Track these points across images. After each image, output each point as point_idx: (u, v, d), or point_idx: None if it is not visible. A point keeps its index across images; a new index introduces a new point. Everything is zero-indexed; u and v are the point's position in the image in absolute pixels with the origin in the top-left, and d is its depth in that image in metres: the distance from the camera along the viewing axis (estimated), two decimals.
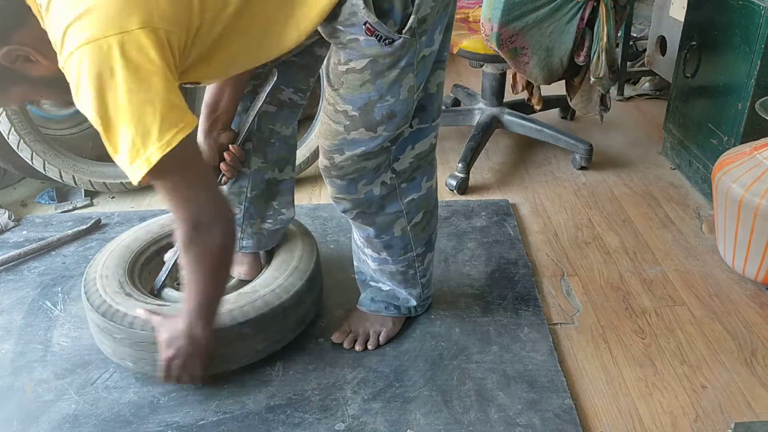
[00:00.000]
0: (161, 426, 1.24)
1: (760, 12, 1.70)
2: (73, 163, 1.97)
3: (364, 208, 1.27)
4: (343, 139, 1.17)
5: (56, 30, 0.93)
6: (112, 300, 1.30)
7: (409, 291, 1.44)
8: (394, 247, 1.35)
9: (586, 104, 2.05)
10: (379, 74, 1.10)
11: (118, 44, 0.90)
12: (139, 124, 0.93)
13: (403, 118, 1.17)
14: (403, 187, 1.29)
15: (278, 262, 1.42)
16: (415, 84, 1.14)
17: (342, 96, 1.13)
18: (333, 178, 1.23)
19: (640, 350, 1.43)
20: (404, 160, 1.26)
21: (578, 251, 1.77)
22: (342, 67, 1.11)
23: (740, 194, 1.52)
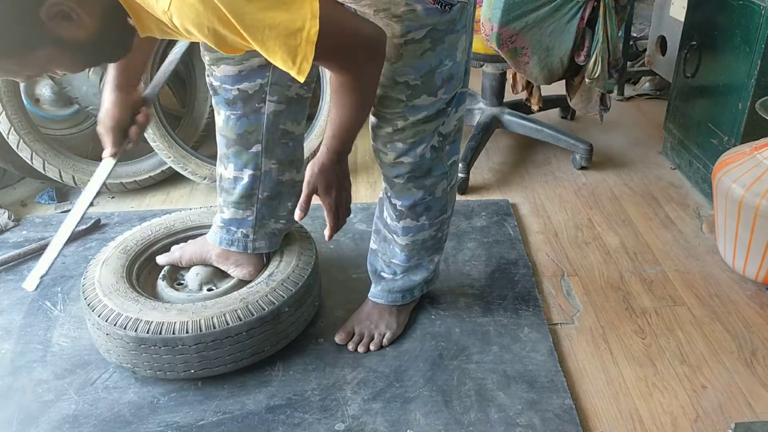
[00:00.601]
0: (161, 426, 1.24)
1: (760, 12, 1.70)
2: (73, 163, 1.97)
3: (417, 170, 1.29)
4: (405, 107, 1.19)
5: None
6: (110, 302, 1.30)
7: (431, 258, 1.45)
8: (433, 209, 1.37)
9: (585, 104, 2.05)
10: (438, 41, 1.12)
11: None
12: (281, 12, 0.88)
13: (459, 79, 1.21)
14: (447, 149, 1.32)
15: (277, 263, 1.42)
16: (466, 45, 1.19)
17: (400, 68, 1.15)
18: (395, 143, 1.25)
19: (641, 350, 1.43)
20: (449, 123, 1.28)
21: (578, 251, 1.77)
22: (398, 39, 1.11)
23: (740, 194, 1.52)
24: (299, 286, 1.36)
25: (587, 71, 1.87)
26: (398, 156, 1.26)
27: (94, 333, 1.33)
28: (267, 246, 1.44)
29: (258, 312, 1.29)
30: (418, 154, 1.26)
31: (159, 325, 1.24)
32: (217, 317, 1.26)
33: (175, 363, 1.27)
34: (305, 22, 0.89)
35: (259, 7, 0.87)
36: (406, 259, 1.43)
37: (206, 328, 1.25)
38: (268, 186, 1.40)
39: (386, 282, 1.46)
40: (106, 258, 1.42)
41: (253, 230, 1.42)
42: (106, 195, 2.06)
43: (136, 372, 1.31)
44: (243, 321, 1.27)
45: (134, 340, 1.25)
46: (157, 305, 1.30)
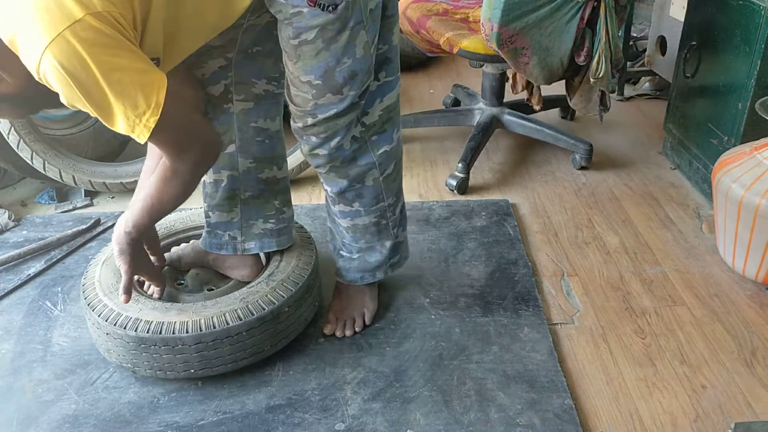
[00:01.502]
0: (161, 426, 1.24)
1: (760, 12, 1.70)
2: (73, 163, 1.97)
3: (336, 162, 1.30)
4: (314, 105, 1.20)
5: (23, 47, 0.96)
6: (111, 301, 1.30)
7: (382, 243, 1.45)
8: (365, 196, 1.36)
9: (585, 104, 2.05)
10: (331, 40, 1.13)
11: (72, 34, 0.93)
12: (125, 100, 0.99)
13: (366, 74, 1.20)
14: (374, 139, 1.31)
15: (277, 263, 1.42)
16: (368, 39, 1.17)
17: (301, 68, 1.16)
18: (309, 136, 1.26)
19: (640, 350, 1.43)
20: (373, 113, 1.28)
21: (578, 251, 1.77)
22: (294, 41, 1.14)
23: (740, 194, 1.52)
24: (299, 286, 1.36)
25: (591, 71, 1.87)
26: (312, 148, 1.28)
27: (94, 333, 1.33)
28: (258, 247, 1.44)
29: (258, 312, 1.29)
30: (333, 147, 1.26)
31: (159, 324, 1.24)
32: (217, 317, 1.26)
33: (175, 363, 1.27)
34: (145, 111, 1.00)
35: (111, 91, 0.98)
36: (353, 239, 1.44)
37: (206, 328, 1.25)
38: (249, 185, 1.40)
39: (344, 260, 1.48)
40: (106, 258, 1.42)
41: (241, 232, 1.43)
42: (107, 195, 2.06)
43: (136, 372, 1.31)
44: (243, 321, 1.27)
45: (134, 340, 1.25)
46: (157, 305, 1.30)
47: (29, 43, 0.95)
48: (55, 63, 0.94)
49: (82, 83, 0.96)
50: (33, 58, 0.95)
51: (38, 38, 0.94)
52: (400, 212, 1.46)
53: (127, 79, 0.98)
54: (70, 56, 0.94)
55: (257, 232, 1.44)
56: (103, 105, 0.99)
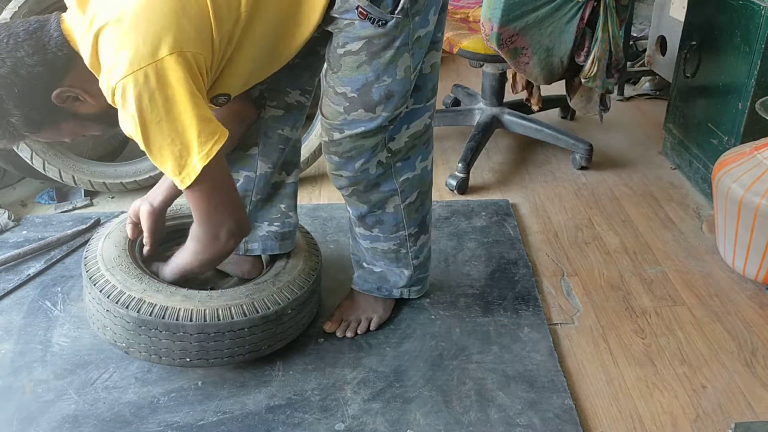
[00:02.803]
0: (161, 426, 1.24)
1: (760, 12, 1.70)
2: (73, 163, 1.97)
3: (359, 185, 1.30)
4: (343, 120, 1.21)
5: (105, 68, 1.02)
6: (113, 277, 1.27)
7: (401, 270, 1.45)
8: (385, 223, 1.37)
9: (585, 104, 2.05)
10: (374, 55, 1.14)
11: (153, 72, 0.99)
12: (180, 140, 1.03)
13: (401, 98, 1.21)
14: (398, 166, 1.32)
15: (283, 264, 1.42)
16: (411, 64, 1.18)
17: (341, 78, 1.17)
18: (331, 154, 1.27)
19: (640, 350, 1.43)
20: (400, 139, 1.29)
21: (578, 251, 1.77)
22: (340, 50, 1.15)
23: (740, 194, 1.52)
24: (304, 290, 1.36)
25: (583, 71, 1.87)
26: (336, 168, 1.28)
27: (91, 307, 1.29)
28: (260, 248, 1.45)
29: (263, 310, 1.29)
30: (357, 169, 1.26)
31: (163, 309, 1.22)
32: (223, 309, 1.25)
33: (172, 349, 1.25)
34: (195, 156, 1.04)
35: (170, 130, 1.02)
36: (373, 259, 1.45)
37: (211, 319, 1.23)
38: (261, 189, 1.41)
39: (364, 270, 1.48)
40: (109, 232, 1.39)
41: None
42: (106, 195, 2.06)
43: (129, 353, 1.28)
44: (247, 317, 1.27)
45: (135, 321, 1.22)
46: (161, 287, 1.27)
47: (110, 66, 1.00)
48: (130, 92, 0.99)
49: (145, 116, 1.01)
50: (110, 81, 1.00)
51: (120, 65, 0.99)
52: (422, 246, 1.44)
53: (190, 123, 1.02)
54: (144, 89, 0.99)
55: (261, 234, 1.44)
56: (157, 140, 1.03)
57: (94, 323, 1.31)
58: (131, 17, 0.99)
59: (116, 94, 1.01)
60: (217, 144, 1.04)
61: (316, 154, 2.09)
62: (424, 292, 1.54)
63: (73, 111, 1.13)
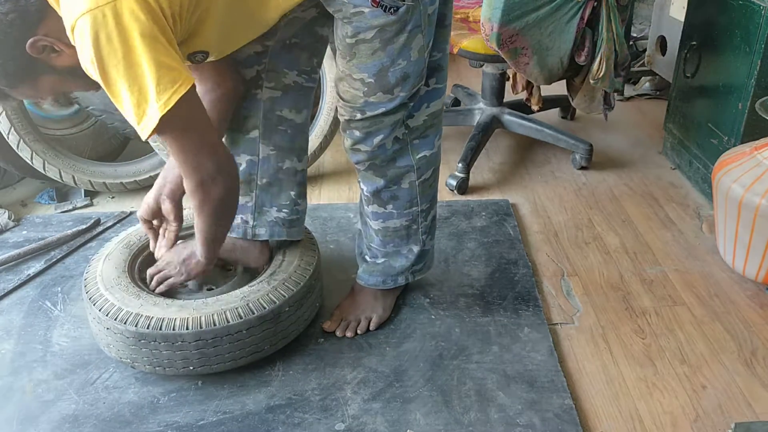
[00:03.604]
0: (161, 426, 1.24)
1: (760, 12, 1.70)
2: (73, 163, 1.97)
3: (376, 160, 1.32)
4: (364, 102, 1.23)
5: (64, 11, 0.99)
6: (112, 296, 1.30)
7: (410, 248, 1.46)
8: (400, 199, 1.38)
9: (589, 103, 2.05)
10: (388, 41, 1.15)
11: (111, 12, 0.96)
12: (138, 87, 0.99)
13: (417, 78, 1.23)
14: (416, 143, 1.34)
15: (279, 262, 1.42)
16: (424, 43, 1.20)
17: (356, 65, 1.19)
18: (352, 129, 1.28)
19: (640, 350, 1.43)
20: (419, 117, 1.31)
21: (578, 251, 1.77)
22: (350, 39, 1.16)
23: (740, 194, 1.52)
24: (300, 286, 1.36)
25: (592, 72, 1.87)
26: (355, 143, 1.30)
27: (94, 327, 1.33)
28: (267, 233, 1.44)
29: (258, 310, 1.29)
30: (375, 144, 1.28)
31: (159, 320, 1.24)
32: (218, 314, 1.26)
33: (174, 359, 1.27)
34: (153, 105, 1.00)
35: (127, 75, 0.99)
36: (382, 243, 1.45)
37: (206, 325, 1.25)
38: (267, 172, 1.40)
39: (368, 264, 1.49)
40: (109, 253, 1.42)
41: (253, 216, 1.43)
42: (107, 195, 2.06)
43: (135, 367, 1.31)
44: (243, 319, 1.27)
45: (134, 335, 1.25)
46: (158, 301, 1.30)
47: (71, 4, 0.97)
48: (87, 29, 0.96)
49: (104, 55, 0.97)
50: (69, 19, 0.98)
51: (80, 3, 0.96)
52: (431, 220, 1.47)
53: (148, 68, 0.98)
54: (101, 28, 0.96)
55: (270, 219, 1.44)
56: (116, 81, 0.99)
57: (100, 341, 1.34)
58: None
59: (75, 31, 0.98)
60: (177, 93, 1.00)
61: (316, 154, 2.09)
62: (427, 270, 1.54)
63: (50, 63, 1.08)
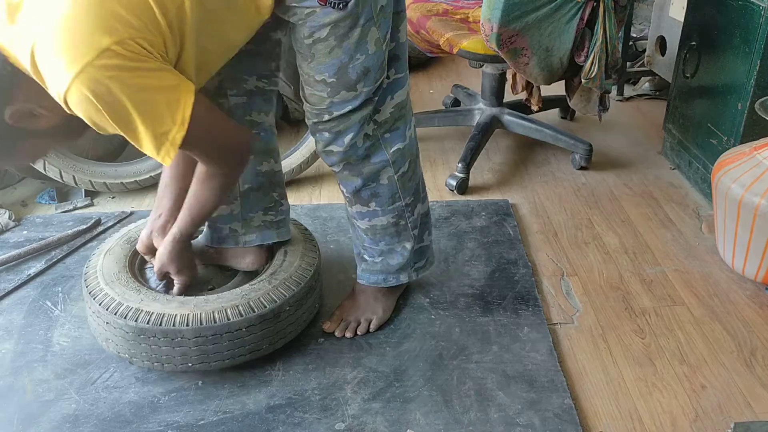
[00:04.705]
0: (161, 426, 1.24)
1: (760, 12, 1.70)
2: (73, 163, 1.97)
3: (350, 159, 1.31)
4: (329, 103, 1.24)
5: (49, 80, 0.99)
6: (112, 290, 1.30)
7: (403, 245, 1.45)
8: (381, 195, 1.38)
9: (585, 104, 2.05)
10: (343, 37, 1.16)
11: (99, 64, 0.96)
12: (152, 119, 1.02)
13: (379, 70, 1.23)
14: (387, 137, 1.33)
15: (280, 261, 1.42)
16: (380, 36, 1.20)
17: (316, 67, 1.20)
18: (321, 132, 1.28)
19: (640, 350, 1.43)
20: (385, 110, 1.31)
21: (578, 251, 1.77)
22: (308, 40, 1.17)
23: (740, 194, 1.52)
24: (301, 286, 1.36)
25: (584, 71, 1.87)
26: (326, 145, 1.30)
27: (93, 321, 1.33)
28: (259, 239, 1.45)
29: (259, 309, 1.29)
30: (346, 143, 1.28)
31: (159, 316, 1.24)
32: (218, 311, 1.26)
33: (173, 355, 1.27)
34: (171, 128, 1.03)
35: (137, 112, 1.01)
36: (373, 242, 1.45)
37: (206, 322, 1.25)
38: (247, 178, 1.41)
39: (367, 264, 1.49)
40: (109, 248, 1.42)
41: (241, 224, 1.43)
42: (107, 195, 2.06)
43: (133, 362, 1.31)
44: (244, 317, 1.27)
45: (133, 330, 1.24)
46: (158, 296, 1.30)
47: (55, 75, 0.97)
48: (84, 91, 0.96)
49: (111, 107, 0.99)
50: (60, 90, 0.97)
51: (64, 70, 0.96)
52: (421, 214, 1.46)
53: (152, 99, 1.01)
54: (97, 84, 0.96)
55: (257, 224, 1.44)
56: (132, 127, 1.02)
57: (98, 336, 1.34)
58: (63, 20, 0.95)
59: (70, 100, 0.98)
60: (188, 106, 1.03)
61: (316, 154, 2.09)
62: (429, 268, 1.54)
63: (32, 128, 1.08)
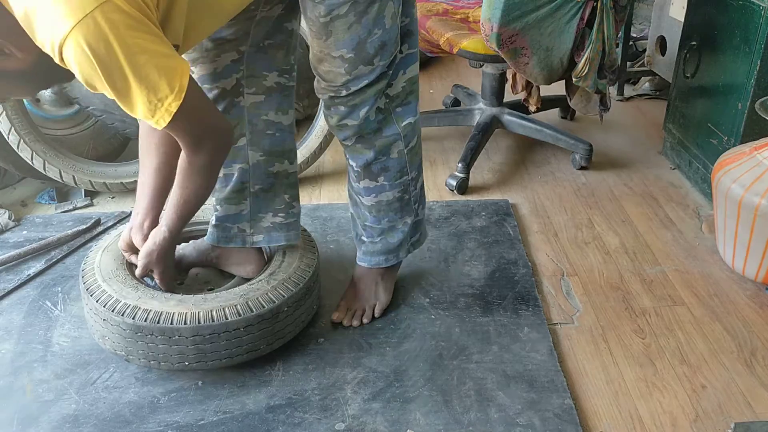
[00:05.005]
0: (161, 426, 1.24)
1: (760, 12, 1.70)
2: (73, 163, 1.97)
3: (363, 132, 1.33)
4: (346, 79, 1.25)
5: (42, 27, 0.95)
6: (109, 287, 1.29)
7: (404, 221, 1.47)
8: (390, 169, 1.39)
9: (585, 104, 2.05)
10: (362, 13, 1.17)
11: (101, 15, 0.93)
12: (148, 84, 0.99)
13: (394, 44, 1.26)
14: (399, 111, 1.35)
15: (279, 262, 1.42)
16: (396, 10, 1.22)
17: (333, 43, 1.20)
18: (337, 106, 1.30)
19: (640, 350, 1.43)
20: (397, 85, 1.33)
21: (578, 251, 1.77)
22: (324, 18, 1.17)
23: (740, 194, 1.52)
24: (300, 287, 1.36)
25: (575, 70, 1.87)
26: (341, 119, 1.31)
27: (90, 318, 1.32)
28: (266, 240, 1.44)
29: (257, 309, 1.29)
30: (361, 117, 1.30)
31: (157, 314, 1.24)
32: (216, 311, 1.26)
33: (170, 353, 1.26)
34: (168, 95, 1.01)
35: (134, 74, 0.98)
36: (376, 220, 1.46)
37: (204, 321, 1.25)
38: (259, 178, 1.40)
39: (366, 245, 1.50)
40: (107, 245, 1.42)
41: (250, 224, 1.43)
42: (107, 195, 2.06)
43: (130, 360, 1.31)
44: (242, 317, 1.27)
45: (131, 328, 1.24)
46: (156, 294, 1.30)
47: (51, 21, 0.93)
48: (82, 43, 0.93)
49: (106, 65, 0.96)
50: (56, 38, 0.94)
51: (64, 17, 0.92)
52: (420, 188, 1.49)
53: (151, 63, 0.98)
54: (97, 38, 0.94)
55: (266, 225, 1.44)
56: (124, 88, 0.99)
57: (95, 333, 1.34)
58: None
59: (65, 51, 0.94)
60: (184, 77, 1.02)
61: (316, 154, 2.09)
62: (424, 240, 1.57)
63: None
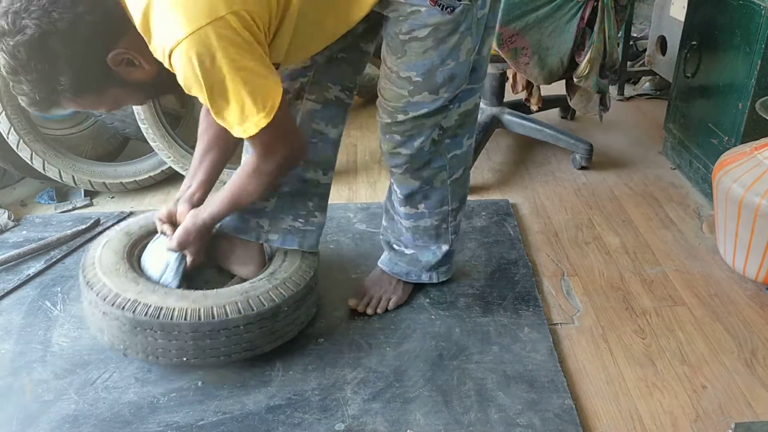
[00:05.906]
0: (161, 426, 1.24)
1: (760, 12, 1.70)
2: (73, 163, 1.97)
3: (414, 162, 1.34)
4: (407, 102, 1.25)
5: (158, 33, 1.02)
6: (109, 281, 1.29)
7: (438, 246, 1.49)
8: (431, 198, 1.41)
9: (585, 104, 2.05)
10: (441, 41, 1.18)
11: (213, 31, 0.99)
12: (243, 100, 1.05)
13: (462, 79, 1.26)
14: (447, 143, 1.35)
15: (280, 262, 1.42)
16: (472, 46, 1.22)
17: (405, 63, 1.21)
18: (393, 134, 1.30)
19: (641, 350, 1.43)
20: (451, 117, 1.32)
21: (578, 251, 1.77)
22: (404, 36, 1.18)
23: (740, 194, 1.52)
24: (300, 287, 1.36)
25: (577, 70, 1.87)
26: (395, 147, 1.31)
27: (89, 311, 1.32)
28: (280, 241, 1.44)
29: (258, 307, 1.29)
30: (415, 147, 1.30)
31: (158, 309, 1.24)
32: (217, 307, 1.26)
33: (169, 348, 1.26)
34: (259, 112, 1.07)
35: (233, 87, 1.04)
36: (413, 238, 1.48)
37: (205, 317, 1.24)
38: (289, 181, 1.41)
39: (395, 253, 1.52)
40: (108, 240, 1.41)
41: (269, 222, 1.43)
42: (106, 195, 2.06)
43: (127, 354, 1.30)
44: (242, 314, 1.27)
45: (130, 322, 1.24)
46: (157, 288, 1.29)
47: (167, 29, 1.00)
48: (191, 54, 1.00)
49: (208, 77, 1.02)
50: (167, 44, 1.01)
51: (178, 27, 0.99)
52: (460, 222, 1.51)
53: (250, 82, 1.04)
54: (204, 51, 1.00)
55: (284, 227, 1.44)
56: (220, 99, 1.05)
57: (93, 326, 1.33)
58: None
59: (174, 56, 1.01)
60: (277, 98, 1.07)
61: None
62: (450, 274, 1.57)
63: (124, 76, 1.10)
